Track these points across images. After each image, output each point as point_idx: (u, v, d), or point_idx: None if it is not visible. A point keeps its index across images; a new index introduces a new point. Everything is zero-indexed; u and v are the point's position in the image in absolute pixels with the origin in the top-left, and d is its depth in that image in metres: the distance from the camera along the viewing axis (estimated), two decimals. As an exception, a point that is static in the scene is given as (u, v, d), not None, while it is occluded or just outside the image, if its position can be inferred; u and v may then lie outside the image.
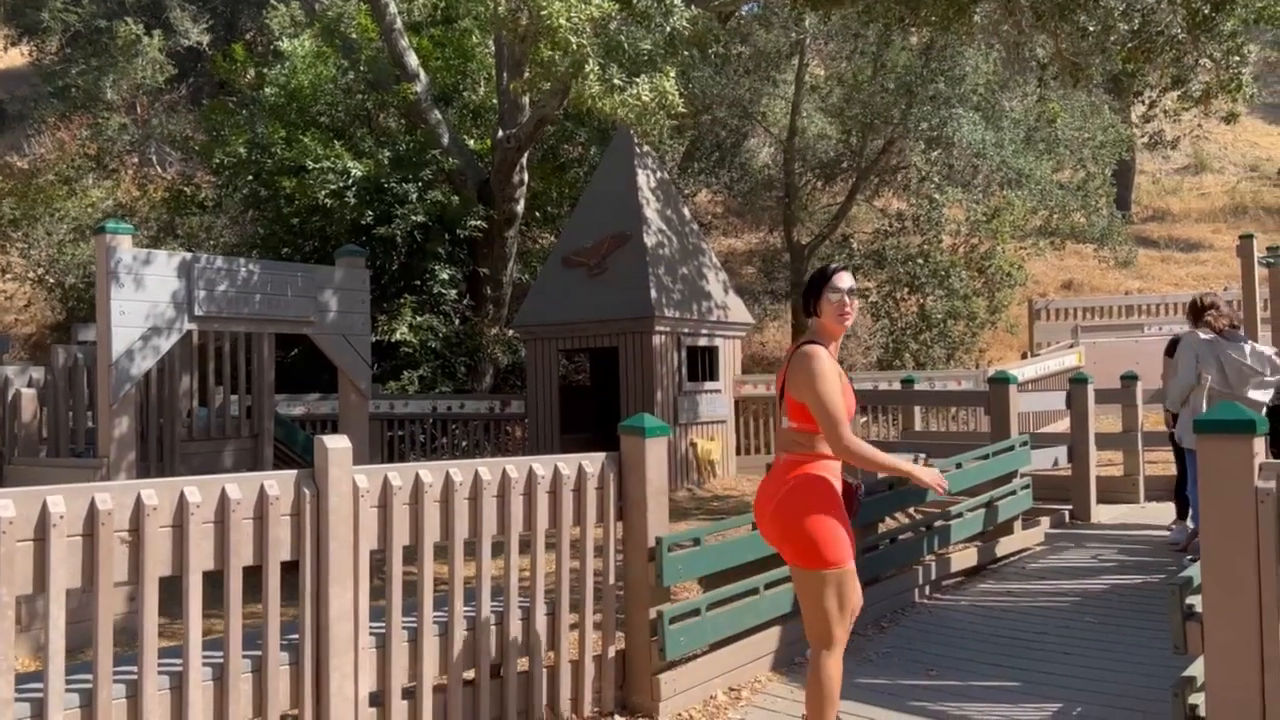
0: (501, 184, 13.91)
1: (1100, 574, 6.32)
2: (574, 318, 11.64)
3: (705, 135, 19.88)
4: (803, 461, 3.28)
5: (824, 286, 3.36)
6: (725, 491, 11.59)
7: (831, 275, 3.38)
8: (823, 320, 3.38)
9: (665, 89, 8.08)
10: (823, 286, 3.36)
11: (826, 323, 3.37)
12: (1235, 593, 2.87)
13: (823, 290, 3.36)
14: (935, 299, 13.36)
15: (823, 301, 3.35)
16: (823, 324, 3.39)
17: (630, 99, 7.90)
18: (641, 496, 4.25)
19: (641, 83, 7.90)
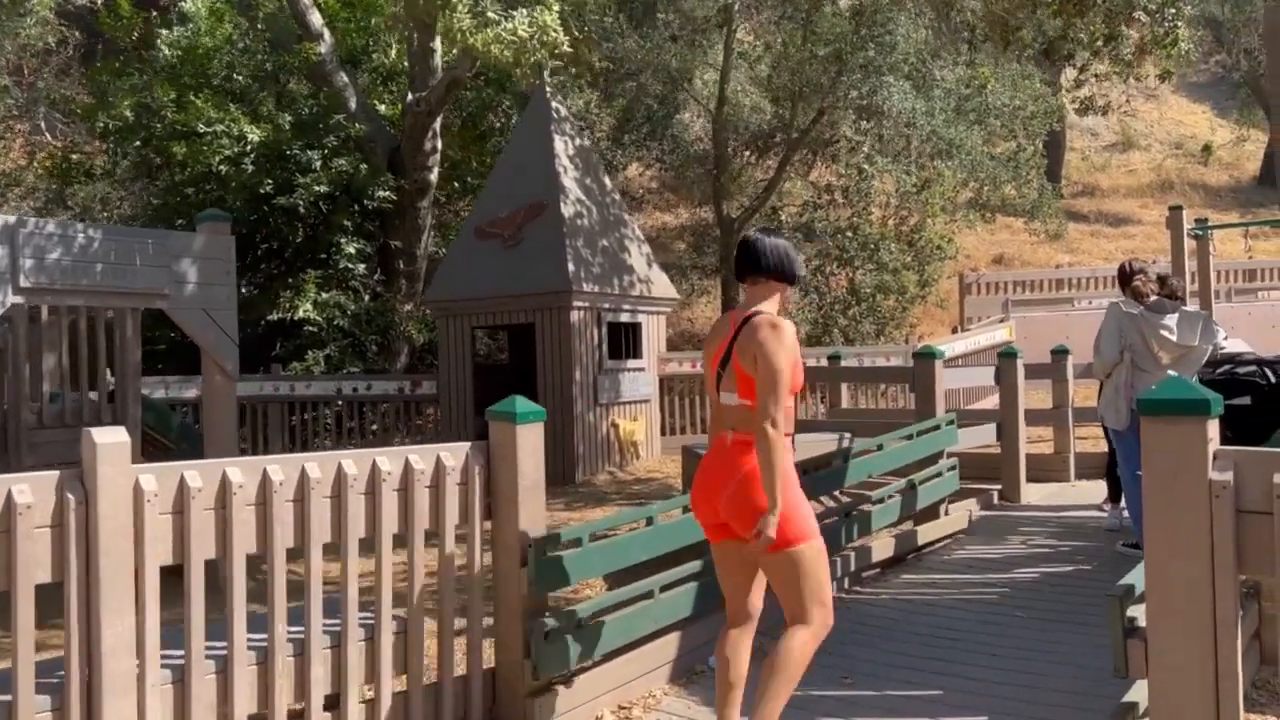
0: (413, 151, 13.13)
1: (1030, 562, 5.92)
2: (487, 292, 10.98)
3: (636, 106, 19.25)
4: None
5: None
6: (648, 474, 11.08)
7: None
8: (787, 294, 3.24)
9: (546, 23, 7.31)
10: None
11: (788, 295, 3.25)
12: (1185, 605, 2.40)
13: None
14: (865, 273, 12.97)
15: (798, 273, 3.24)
16: (787, 296, 3.24)
17: (505, 34, 7.12)
18: (512, 492, 3.67)
19: (519, 17, 7.13)
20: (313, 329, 12.48)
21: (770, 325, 3.03)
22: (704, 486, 3.17)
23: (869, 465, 5.82)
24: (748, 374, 3.02)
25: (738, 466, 3.05)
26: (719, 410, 3.19)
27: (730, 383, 3.09)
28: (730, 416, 3.12)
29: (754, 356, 2.99)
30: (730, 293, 16.01)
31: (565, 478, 10.53)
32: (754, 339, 3.01)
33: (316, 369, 12.40)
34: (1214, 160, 29.43)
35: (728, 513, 3.09)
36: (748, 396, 3.03)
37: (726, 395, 3.12)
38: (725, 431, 3.13)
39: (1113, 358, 5.78)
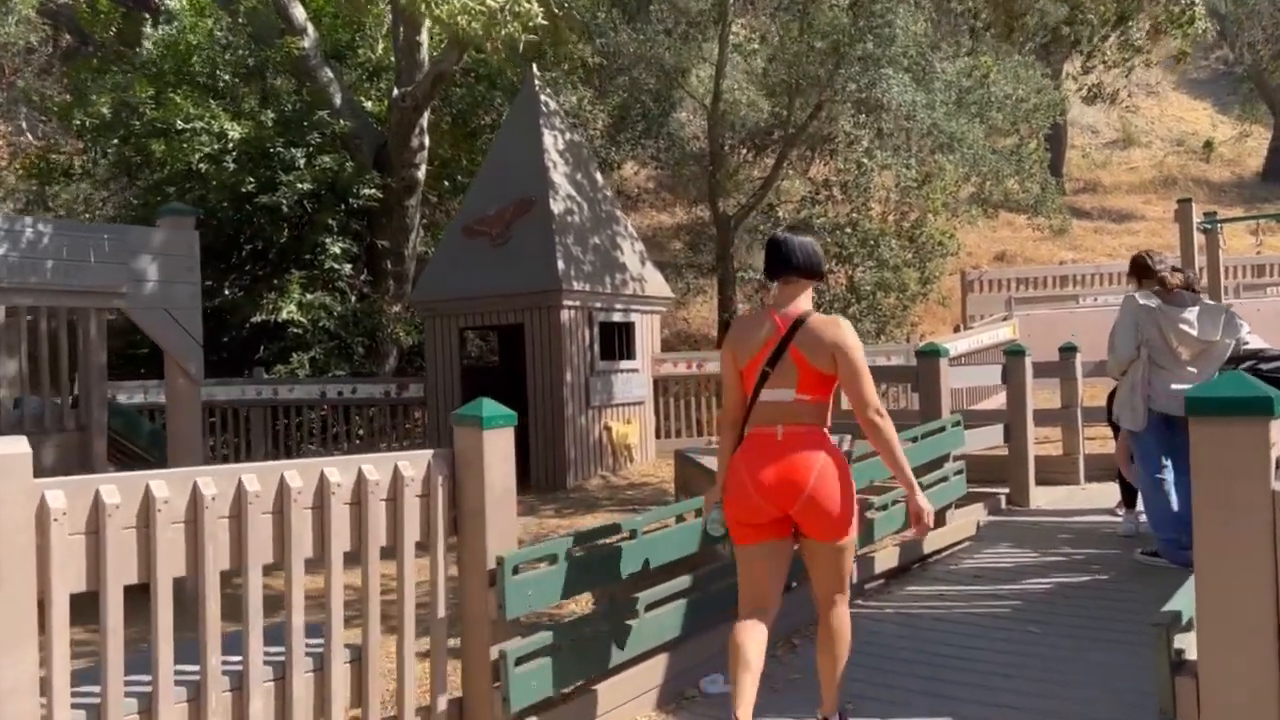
0: (400, 148, 12.79)
1: (1043, 572, 5.57)
2: (475, 292, 10.63)
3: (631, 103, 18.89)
4: (821, 436, 3.18)
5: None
6: (642, 478, 10.73)
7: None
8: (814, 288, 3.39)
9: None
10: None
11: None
12: (1245, 636, 2.05)
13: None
14: (865, 270, 12.63)
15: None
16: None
17: (473, 4, 6.75)
18: (479, 504, 3.33)
19: (491, -16, 6.77)
20: (297, 331, 12.13)
21: (839, 322, 3.20)
22: (767, 484, 3.15)
23: (870, 471, 5.46)
24: (820, 370, 3.14)
25: (808, 463, 3.12)
26: (762, 409, 3.21)
27: (788, 379, 3.16)
28: (779, 412, 3.18)
29: (832, 354, 3.12)
30: (726, 292, 15.67)
31: (556, 483, 10.19)
32: (830, 336, 3.13)
33: (301, 372, 12.05)
34: (1215, 157, 29.12)
35: (806, 512, 3.13)
36: (809, 391, 3.15)
37: (778, 392, 3.17)
38: (772, 428, 3.17)
39: (1128, 354, 5.44)
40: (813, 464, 3.11)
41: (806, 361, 3.13)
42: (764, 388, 3.19)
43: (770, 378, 3.18)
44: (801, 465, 3.11)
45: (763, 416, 3.22)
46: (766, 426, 3.19)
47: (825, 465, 3.12)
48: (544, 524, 8.27)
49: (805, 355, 3.14)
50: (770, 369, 3.18)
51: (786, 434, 3.15)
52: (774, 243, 3.33)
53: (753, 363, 3.22)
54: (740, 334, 3.32)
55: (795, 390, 3.15)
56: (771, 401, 3.19)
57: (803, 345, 3.14)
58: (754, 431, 3.24)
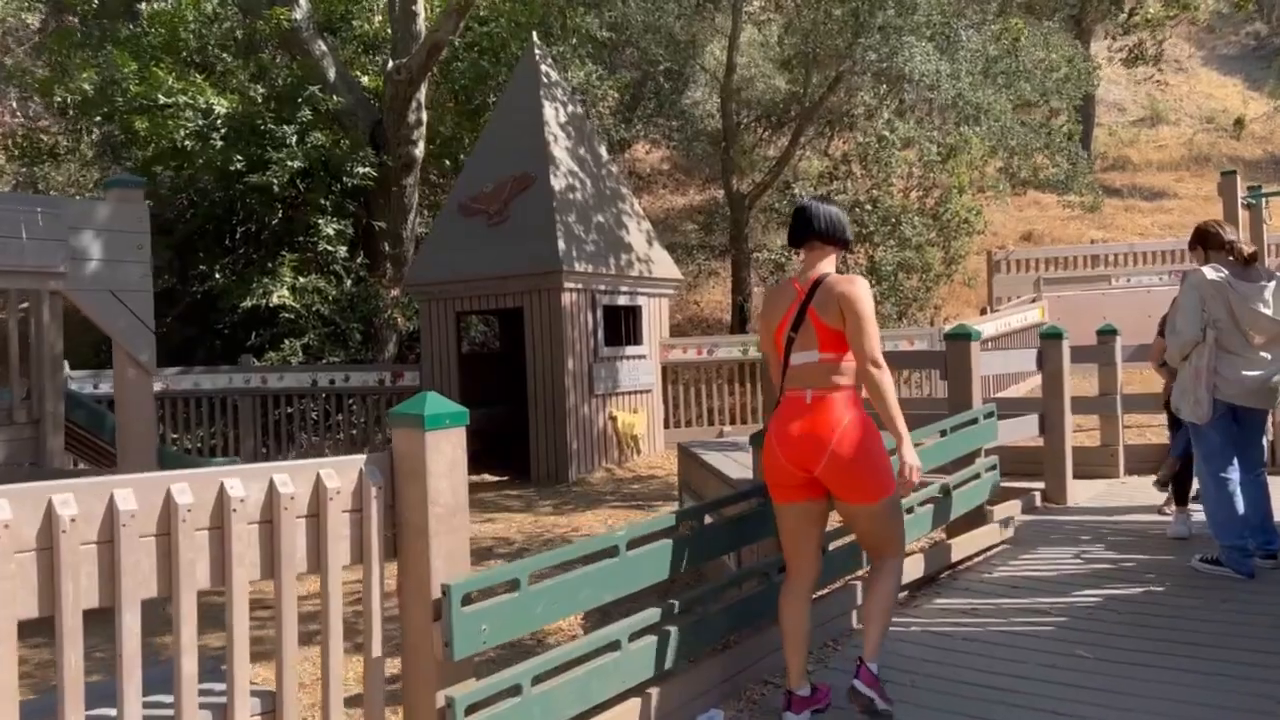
0: (396, 124, 12.21)
1: (1089, 582, 4.94)
2: (472, 273, 10.07)
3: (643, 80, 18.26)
4: (849, 398, 3.22)
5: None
6: (649, 470, 10.16)
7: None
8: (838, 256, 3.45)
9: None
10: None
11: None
12: None
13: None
14: (886, 250, 11.97)
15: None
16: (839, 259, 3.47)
17: None
18: (422, 521, 2.75)
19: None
20: (290, 316, 11.61)
21: (848, 279, 3.23)
22: (791, 445, 3.22)
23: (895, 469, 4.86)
24: (832, 327, 3.19)
25: (830, 424, 3.17)
26: (793, 372, 3.29)
27: (809, 341, 3.24)
28: (808, 375, 3.25)
29: (839, 309, 3.16)
30: (740, 274, 15.04)
31: (558, 476, 9.63)
32: (835, 291, 3.19)
33: (294, 359, 11.54)
34: (1246, 134, 28.20)
35: (830, 473, 3.18)
36: (830, 349, 3.20)
37: (804, 355, 3.25)
38: (802, 390, 3.25)
39: (1192, 336, 4.79)
40: (836, 424, 3.16)
41: (821, 320, 3.21)
42: (792, 352, 3.28)
43: (795, 342, 3.27)
44: (825, 425, 3.17)
45: (794, 380, 3.29)
46: (798, 390, 3.27)
47: (850, 426, 3.15)
48: (540, 521, 7.71)
49: (820, 315, 3.21)
50: (794, 334, 3.28)
51: (815, 397, 3.22)
52: (798, 210, 3.41)
53: (779, 329, 3.33)
54: (768, 304, 3.46)
55: (818, 351, 3.22)
56: (800, 364, 3.27)
57: (818, 305, 3.22)
58: (786, 395, 3.31)
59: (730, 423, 11.36)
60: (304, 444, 11.19)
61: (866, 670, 3.29)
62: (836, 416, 3.17)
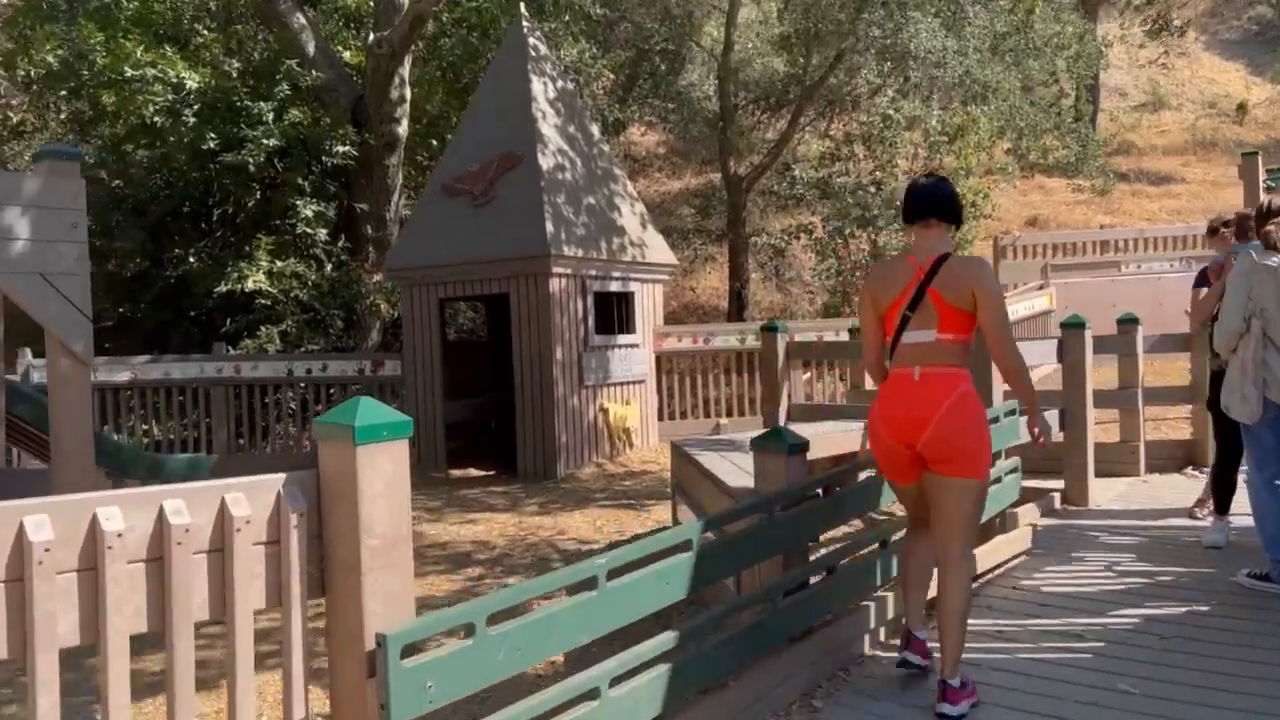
0: (378, 100, 11.67)
1: (1123, 599, 4.46)
2: (455, 258, 9.55)
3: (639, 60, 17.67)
4: (959, 375, 3.24)
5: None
6: (642, 465, 9.67)
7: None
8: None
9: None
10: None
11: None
12: None
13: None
14: (890, 234, 11.46)
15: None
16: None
17: None
18: (353, 556, 2.25)
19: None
20: (266, 303, 11.08)
21: (978, 262, 3.32)
22: (895, 422, 3.26)
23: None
24: (959, 310, 3.18)
25: (938, 400, 3.17)
26: (903, 350, 3.28)
27: (927, 320, 3.22)
28: (920, 353, 3.24)
29: (972, 294, 3.16)
30: (738, 259, 14.53)
31: (546, 472, 9.15)
32: (970, 276, 3.19)
33: (271, 347, 11.03)
34: (1249, 120, 27.77)
35: (931, 445, 3.19)
36: (950, 331, 3.20)
37: (919, 334, 3.24)
38: (910, 368, 3.25)
39: (1238, 327, 4.31)
40: (943, 399, 3.17)
41: (945, 302, 3.19)
42: (905, 330, 3.27)
43: (911, 320, 3.25)
44: (931, 399, 3.18)
45: (904, 358, 3.28)
46: (906, 367, 3.26)
47: (956, 401, 3.18)
48: (524, 523, 7.23)
49: (944, 295, 3.19)
50: (910, 312, 3.24)
51: (923, 374, 3.22)
52: (912, 186, 3.40)
53: (893, 307, 3.30)
54: (879, 279, 3.42)
55: (936, 331, 3.22)
56: (912, 343, 3.25)
57: (941, 286, 3.20)
58: (894, 373, 3.32)
59: (727, 415, 10.87)
60: (282, 435, 10.69)
61: (952, 690, 3.21)
62: (943, 391, 3.19)
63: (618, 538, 6.55)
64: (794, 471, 3.72)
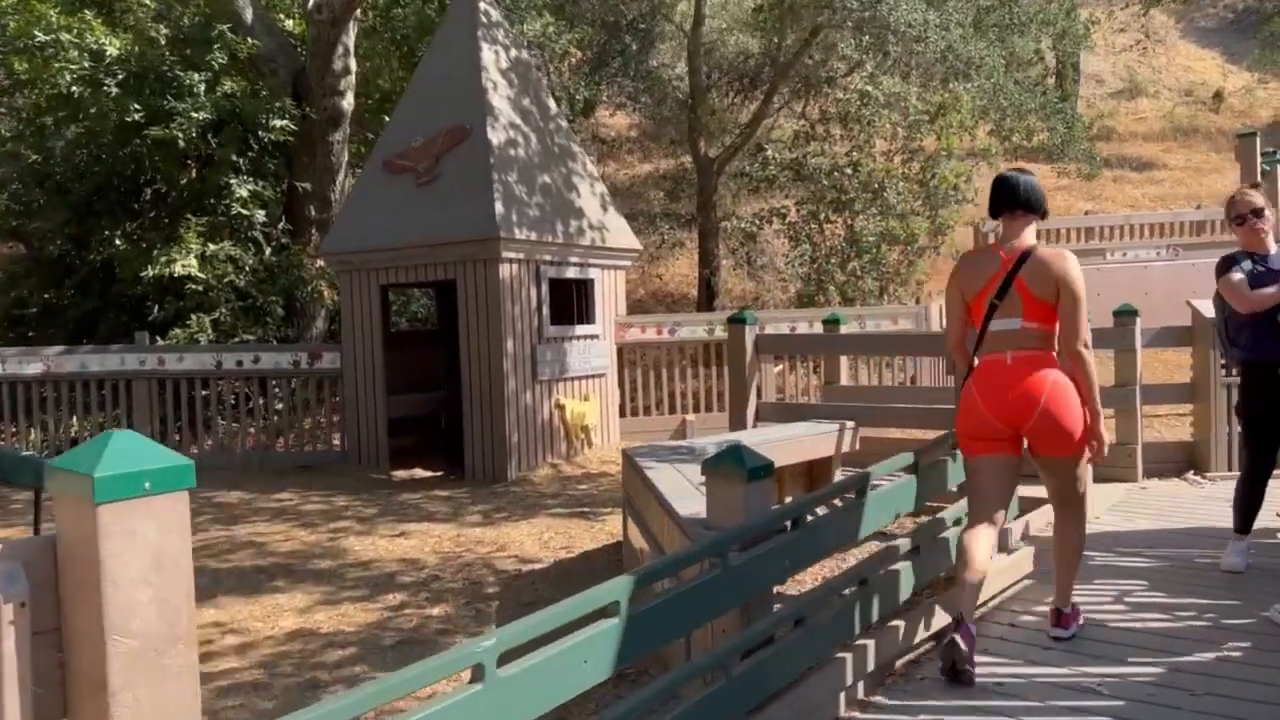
0: (320, 71, 10.84)
1: (1142, 641, 3.82)
2: (397, 241, 8.79)
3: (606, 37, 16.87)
4: (1048, 358, 3.40)
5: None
6: (601, 466, 8.98)
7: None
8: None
9: None
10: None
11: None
12: None
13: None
14: (867, 218, 10.80)
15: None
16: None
17: None
18: (98, 669, 1.53)
19: None
20: (197, 289, 10.26)
21: (1061, 255, 3.44)
22: (1002, 405, 3.41)
23: (898, 499, 3.70)
24: (1043, 300, 3.35)
25: (1039, 383, 3.36)
26: (991, 338, 3.44)
27: (1014, 309, 3.38)
28: (1008, 340, 3.41)
29: (1057, 285, 3.34)
30: (708, 244, 13.84)
31: (495, 474, 8.43)
32: (1056, 268, 3.36)
33: (203, 337, 10.21)
34: (1224, 108, 27.59)
35: (1039, 430, 3.39)
36: (1036, 319, 3.38)
37: (1006, 322, 3.40)
38: (1001, 354, 3.42)
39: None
40: (1044, 383, 3.35)
41: (1030, 292, 3.34)
42: (993, 319, 3.41)
43: (998, 309, 3.40)
44: (1034, 384, 3.34)
45: (992, 345, 3.44)
46: (996, 353, 3.42)
47: (1056, 383, 3.36)
48: (463, 536, 6.51)
49: (1029, 286, 3.34)
50: (998, 301, 3.39)
51: (1015, 358, 3.38)
52: (1001, 179, 3.54)
53: (980, 296, 3.45)
54: (967, 270, 3.54)
55: (1022, 319, 3.37)
56: (1000, 331, 3.41)
57: (1028, 277, 3.34)
58: (984, 359, 3.46)
59: (694, 410, 10.20)
60: (219, 432, 9.90)
61: (1064, 616, 3.63)
62: (1042, 375, 3.36)
63: (564, 555, 5.86)
64: (755, 501, 3.04)
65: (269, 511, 7.59)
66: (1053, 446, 3.42)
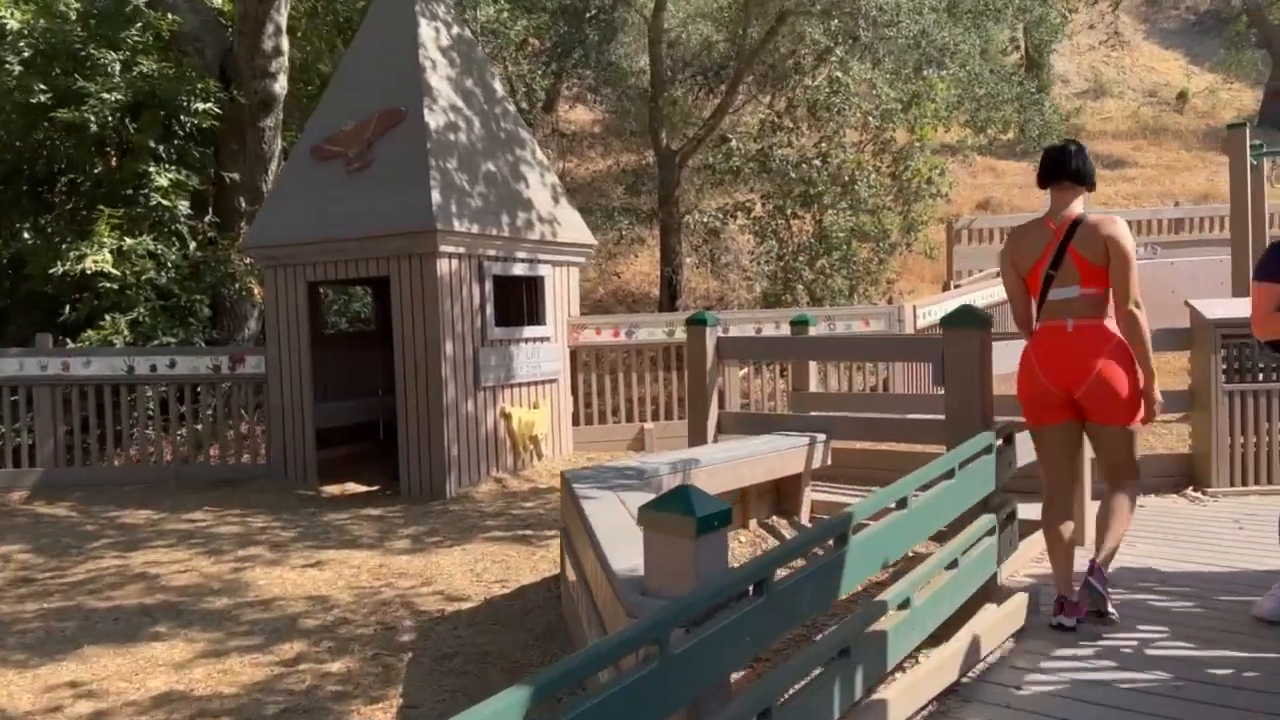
0: (249, 51, 9.99)
1: (1176, 713, 3.16)
2: (324, 234, 8.00)
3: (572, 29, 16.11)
4: (1107, 328, 3.54)
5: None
6: (551, 481, 8.24)
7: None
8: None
9: None
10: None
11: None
12: None
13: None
14: (837, 213, 10.16)
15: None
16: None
17: None
18: None
19: None
20: (111, 286, 9.39)
21: (1111, 220, 3.56)
22: (1056, 369, 3.56)
23: (887, 543, 3.01)
24: (1094, 264, 3.50)
25: (1096, 349, 3.51)
26: (1050, 306, 3.59)
27: (1070, 277, 3.54)
28: (1068, 308, 3.56)
29: (1105, 249, 3.47)
30: (670, 241, 13.14)
31: (433, 491, 7.68)
32: (1104, 233, 3.50)
33: (119, 339, 9.34)
34: (1188, 109, 27.64)
35: (1091, 395, 3.52)
36: (1091, 284, 3.52)
37: (1064, 290, 3.55)
38: (1062, 320, 3.56)
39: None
40: (1101, 349, 3.51)
41: (1083, 259, 3.50)
42: (1050, 288, 3.57)
43: (1055, 279, 3.55)
44: (1089, 350, 3.50)
45: (1052, 313, 3.59)
46: (1057, 320, 3.57)
47: (1113, 350, 3.52)
48: (386, 567, 5.75)
49: (1081, 253, 3.50)
50: (1054, 271, 3.55)
51: (1076, 325, 3.54)
52: (1050, 150, 3.70)
53: (1035, 268, 3.61)
54: (1018, 245, 3.70)
55: (1080, 286, 3.52)
56: (1059, 300, 3.57)
57: (1080, 244, 3.50)
58: (1044, 325, 3.62)
59: (654, 418, 9.50)
60: (140, 442, 9.04)
61: (1100, 571, 3.58)
62: (1099, 342, 3.50)
63: (498, 590, 5.13)
64: (708, 559, 2.34)
65: (175, 535, 6.78)
66: (1106, 413, 3.54)
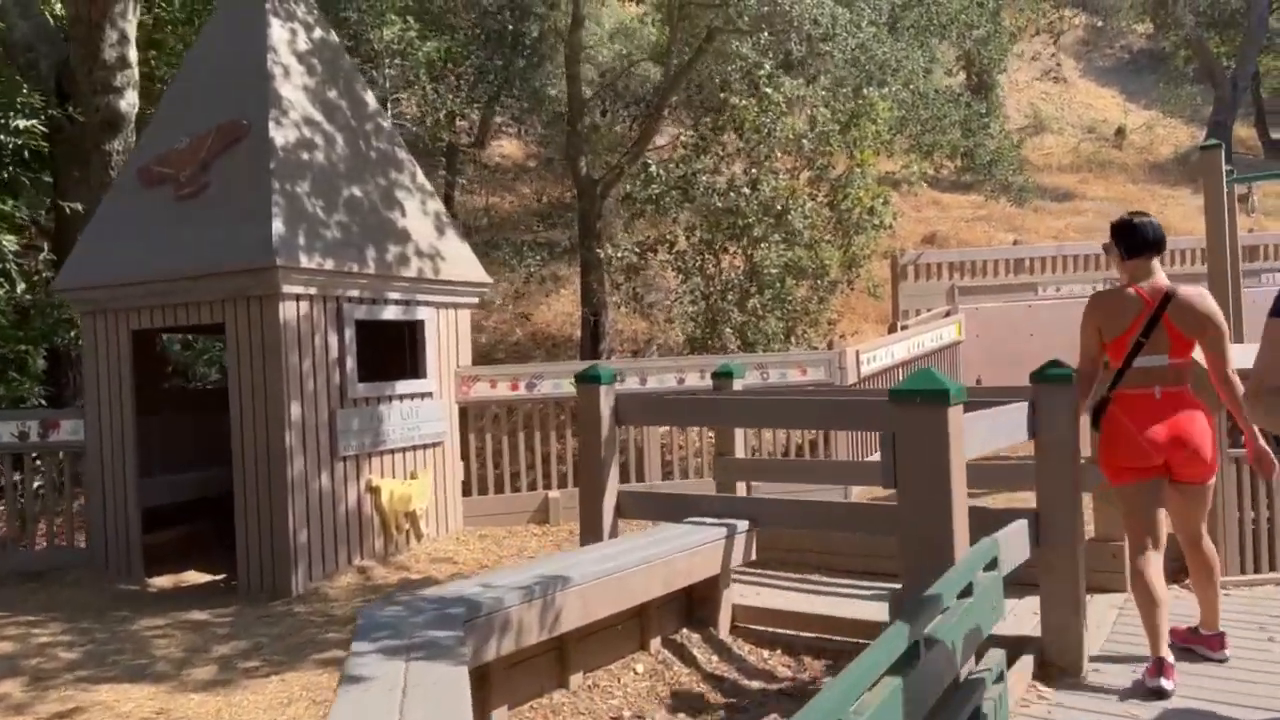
0: (88, 63, 8.58)
1: None
2: (148, 272, 6.58)
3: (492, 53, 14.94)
4: (1191, 395, 3.82)
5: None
6: (432, 566, 6.84)
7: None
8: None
9: None
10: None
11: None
12: None
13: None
14: (769, 246, 8.99)
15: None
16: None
17: None
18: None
19: None
20: (-90, 336, 7.85)
21: (1202, 295, 3.79)
22: (1162, 436, 3.73)
23: None
24: (1189, 337, 3.74)
25: (1190, 420, 3.76)
26: (1136, 374, 3.80)
27: (1161, 346, 3.76)
28: (1155, 376, 3.78)
29: (1200, 324, 3.72)
30: (590, 278, 11.87)
31: (274, 588, 6.23)
32: (1201, 308, 3.74)
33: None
34: (1128, 145, 27.60)
35: (1186, 461, 3.75)
36: (1179, 355, 3.76)
37: (1152, 358, 3.77)
38: (1149, 389, 3.78)
39: None
40: (1196, 420, 3.75)
41: (1178, 331, 3.73)
42: (1138, 356, 3.77)
43: (1145, 347, 3.75)
44: (1187, 422, 3.74)
45: (1137, 380, 3.79)
46: (1143, 388, 3.78)
47: (1202, 420, 3.78)
48: (164, 716, 4.28)
49: (1178, 325, 3.73)
50: (1145, 339, 3.75)
51: (1164, 394, 3.77)
52: (1131, 225, 3.87)
53: (1124, 335, 3.79)
54: (1107, 311, 3.87)
55: (1169, 356, 3.76)
56: (1145, 367, 3.77)
57: (1176, 317, 3.73)
58: (1131, 393, 3.80)
59: (560, 485, 8.16)
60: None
61: (1214, 639, 3.96)
62: (1194, 412, 3.77)
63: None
64: None
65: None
66: (1193, 473, 3.78)
